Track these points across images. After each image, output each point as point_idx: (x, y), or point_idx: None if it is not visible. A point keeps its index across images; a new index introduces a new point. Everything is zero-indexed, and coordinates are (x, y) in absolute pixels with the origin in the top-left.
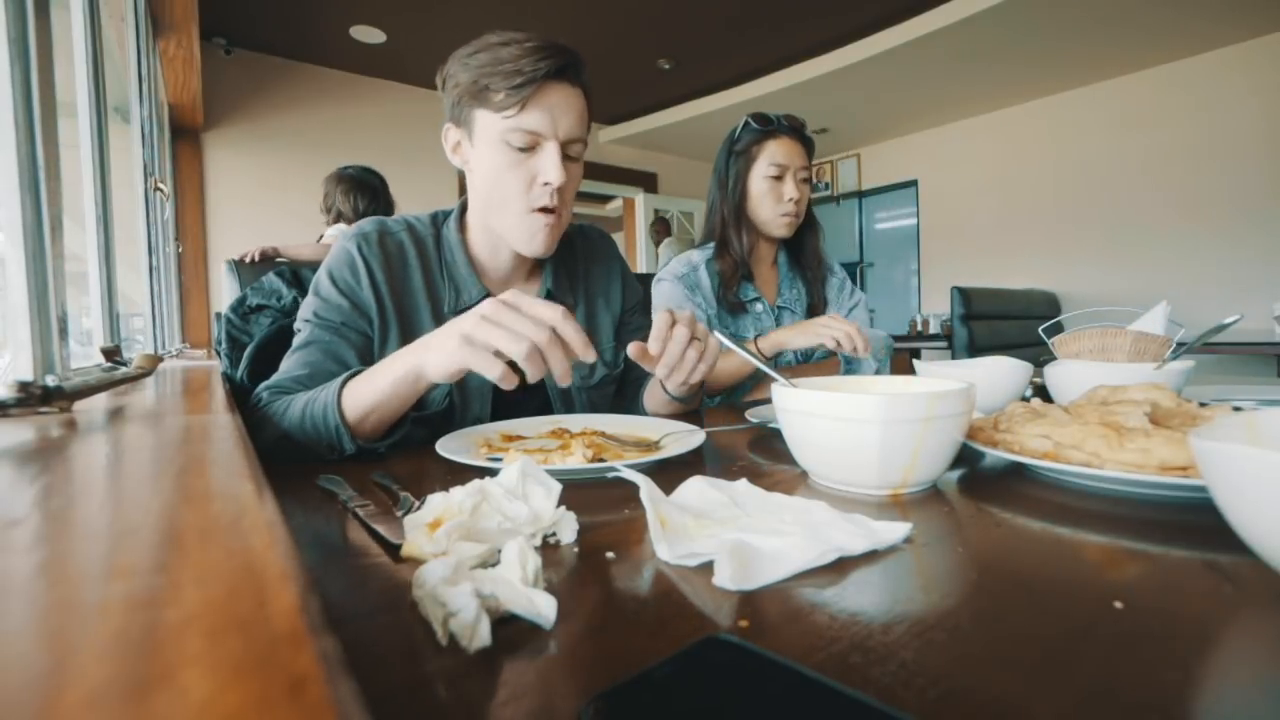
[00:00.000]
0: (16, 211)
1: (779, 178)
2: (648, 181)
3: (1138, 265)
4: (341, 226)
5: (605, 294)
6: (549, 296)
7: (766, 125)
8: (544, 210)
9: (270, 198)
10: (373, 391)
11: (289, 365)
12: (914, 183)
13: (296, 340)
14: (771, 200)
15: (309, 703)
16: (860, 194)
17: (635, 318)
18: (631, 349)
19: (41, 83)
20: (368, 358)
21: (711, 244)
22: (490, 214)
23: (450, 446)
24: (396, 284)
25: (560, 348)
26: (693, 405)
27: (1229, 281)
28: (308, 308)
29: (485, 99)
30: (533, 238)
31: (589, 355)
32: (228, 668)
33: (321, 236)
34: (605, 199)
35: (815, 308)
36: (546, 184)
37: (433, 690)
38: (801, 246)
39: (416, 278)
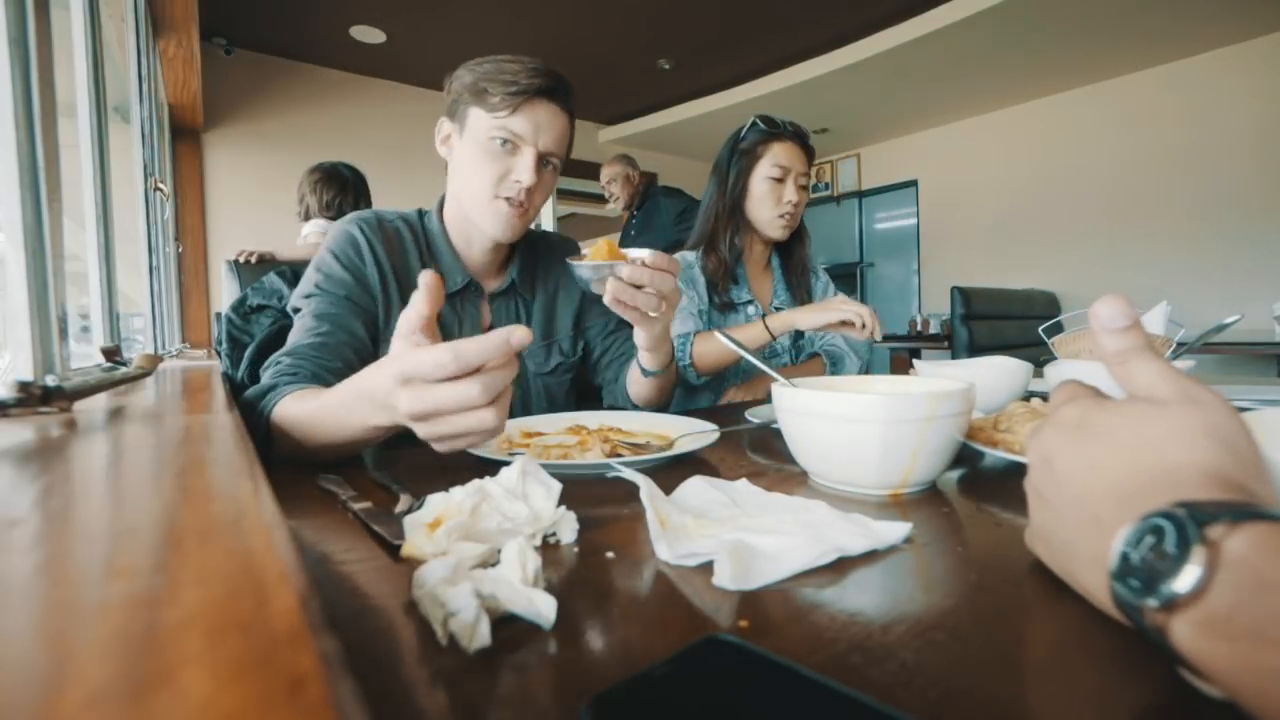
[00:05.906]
0: (16, 211)
1: (780, 180)
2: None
3: (1138, 265)
4: (317, 223)
5: (567, 289)
6: (511, 286)
7: (774, 127)
8: (511, 201)
9: (270, 198)
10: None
11: (298, 337)
12: (914, 183)
13: (303, 313)
14: (771, 201)
15: (309, 703)
16: (860, 194)
17: (596, 307)
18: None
19: (41, 83)
20: (373, 332)
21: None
22: (464, 200)
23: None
24: (398, 262)
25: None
26: (671, 378)
27: (1229, 281)
28: (308, 283)
29: (482, 99)
30: (499, 221)
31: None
32: (228, 668)
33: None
34: (605, 199)
35: None
36: (518, 182)
37: (433, 690)
38: (790, 253)
39: (414, 259)
